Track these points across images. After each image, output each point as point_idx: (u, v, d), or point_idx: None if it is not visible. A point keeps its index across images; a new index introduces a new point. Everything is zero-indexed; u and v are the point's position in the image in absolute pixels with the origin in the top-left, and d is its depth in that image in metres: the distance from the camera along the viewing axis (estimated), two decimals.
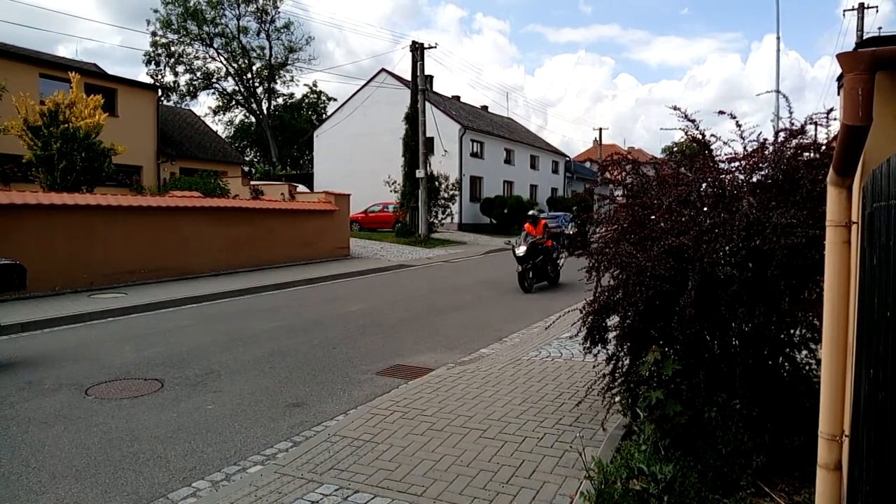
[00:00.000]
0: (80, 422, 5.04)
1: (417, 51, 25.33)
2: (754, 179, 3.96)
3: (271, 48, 48.61)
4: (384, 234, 26.95)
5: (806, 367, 3.99)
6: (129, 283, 12.53)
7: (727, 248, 3.55)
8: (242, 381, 6.21)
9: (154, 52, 46.02)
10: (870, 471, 2.03)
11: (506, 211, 33.81)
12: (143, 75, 54.73)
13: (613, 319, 4.32)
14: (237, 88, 50.04)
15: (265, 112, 49.93)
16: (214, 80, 49.11)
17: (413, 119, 25.68)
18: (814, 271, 3.42)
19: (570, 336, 6.42)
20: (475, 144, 36.82)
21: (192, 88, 48.32)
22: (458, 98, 42.72)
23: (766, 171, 3.90)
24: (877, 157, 2.18)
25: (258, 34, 47.99)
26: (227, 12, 46.28)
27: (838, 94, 2.46)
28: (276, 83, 50.45)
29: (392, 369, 6.71)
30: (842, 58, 2.10)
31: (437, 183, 27.50)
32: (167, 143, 26.15)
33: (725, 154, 4.21)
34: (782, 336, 3.88)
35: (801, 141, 3.94)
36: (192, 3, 44.53)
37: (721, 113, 4.32)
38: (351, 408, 5.39)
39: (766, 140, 4.11)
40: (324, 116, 47.64)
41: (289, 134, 51.01)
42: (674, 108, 4.33)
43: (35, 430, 4.87)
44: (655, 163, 5.05)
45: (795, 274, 3.54)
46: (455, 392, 5.62)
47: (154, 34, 45.45)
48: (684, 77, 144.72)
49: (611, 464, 3.62)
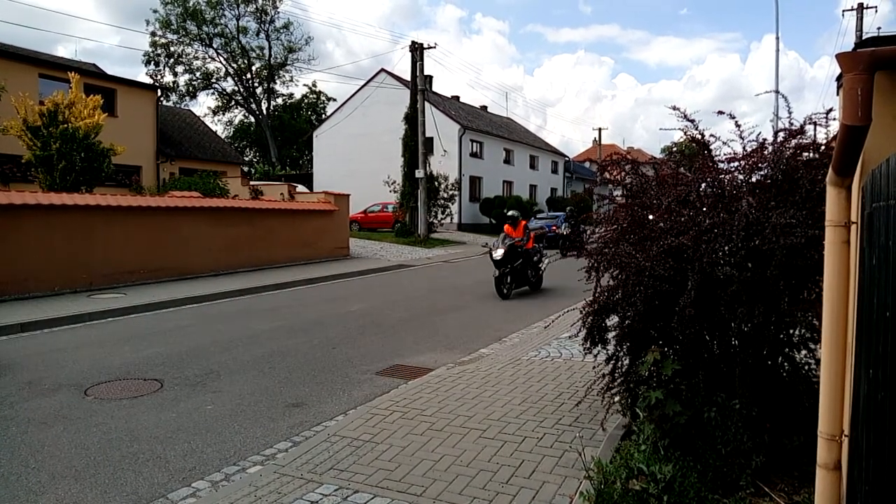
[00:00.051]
0: (80, 422, 5.04)
1: (417, 51, 25.33)
2: (753, 179, 3.97)
3: (271, 48, 48.72)
4: (384, 234, 26.96)
5: (805, 366, 3.99)
6: (128, 284, 12.53)
7: (726, 248, 3.55)
8: (242, 382, 6.21)
9: (153, 52, 46.09)
10: (869, 471, 2.03)
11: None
12: (142, 75, 54.80)
13: (613, 319, 4.33)
14: (236, 88, 50.09)
15: (264, 112, 49.94)
16: (214, 81, 49.19)
17: (412, 119, 25.68)
18: (813, 271, 3.42)
19: (570, 336, 6.42)
20: (475, 144, 36.82)
21: (191, 89, 48.37)
22: (457, 98, 42.72)
23: (766, 171, 3.91)
24: (876, 157, 2.18)
25: (257, 34, 48.10)
26: (226, 12, 46.37)
27: (837, 94, 2.46)
28: (276, 83, 50.56)
29: (392, 369, 6.71)
30: (841, 58, 2.11)
31: (436, 183, 27.50)
32: (166, 144, 26.15)
33: (725, 154, 4.22)
34: (782, 336, 3.88)
35: (801, 141, 3.95)
36: (191, 4, 44.55)
37: (720, 113, 4.34)
38: (350, 408, 5.39)
39: (765, 140, 4.12)
40: (323, 116, 47.66)
41: (288, 134, 51.02)
42: (673, 109, 4.33)
43: (34, 430, 4.87)
44: (655, 163, 5.06)
45: (795, 274, 3.54)
46: (455, 392, 5.62)
47: (153, 34, 45.56)
48: (683, 77, 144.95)
49: (610, 464, 3.62)
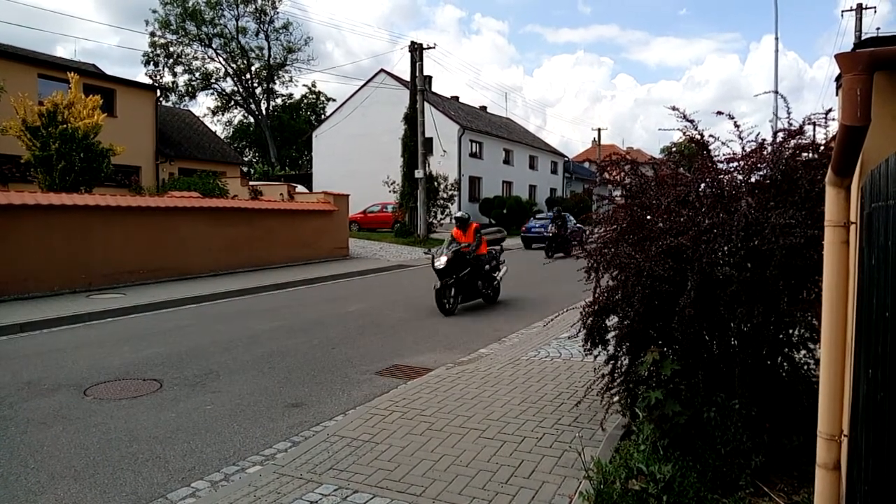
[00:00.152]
0: (79, 422, 5.03)
1: (416, 51, 25.32)
2: (753, 180, 3.97)
3: (270, 48, 48.72)
4: (383, 235, 26.96)
5: (805, 366, 4.00)
6: (127, 284, 12.52)
7: (726, 249, 3.56)
8: (241, 382, 6.21)
9: (153, 52, 46.10)
10: (868, 471, 2.03)
11: (505, 211, 33.84)
12: (141, 76, 54.86)
13: (613, 320, 4.33)
14: (236, 89, 50.09)
15: (264, 112, 49.93)
16: (213, 81, 49.19)
17: (412, 119, 25.67)
18: (812, 271, 3.43)
19: (569, 336, 6.42)
20: (474, 145, 36.84)
21: (190, 89, 48.36)
22: (456, 98, 42.75)
23: (765, 171, 3.91)
24: (875, 158, 2.18)
25: (257, 34, 48.12)
26: (225, 13, 46.40)
27: (837, 94, 2.46)
28: (275, 83, 50.55)
29: (391, 369, 6.71)
30: (840, 58, 2.11)
31: (435, 183, 27.50)
32: (166, 144, 26.14)
33: (724, 154, 4.22)
34: (781, 336, 3.89)
35: (800, 141, 3.95)
36: (190, 4, 44.55)
37: (719, 113, 4.34)
38: (350, 408, 5.39)
39: (764, 140, 4.12)
40: (323, 117, 47.66)
41: (287, 134, 51.01)
42: (672, 109, 4.33)
43: (34, 430, 4.86)
44: (654, 163, 5.06)
45: (794, 274, 3.54)
46: (454, 392, 5.62)
47: (153, 34, 45.57)
48: (683, 77, 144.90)
49: (610, 464, 3.62)
